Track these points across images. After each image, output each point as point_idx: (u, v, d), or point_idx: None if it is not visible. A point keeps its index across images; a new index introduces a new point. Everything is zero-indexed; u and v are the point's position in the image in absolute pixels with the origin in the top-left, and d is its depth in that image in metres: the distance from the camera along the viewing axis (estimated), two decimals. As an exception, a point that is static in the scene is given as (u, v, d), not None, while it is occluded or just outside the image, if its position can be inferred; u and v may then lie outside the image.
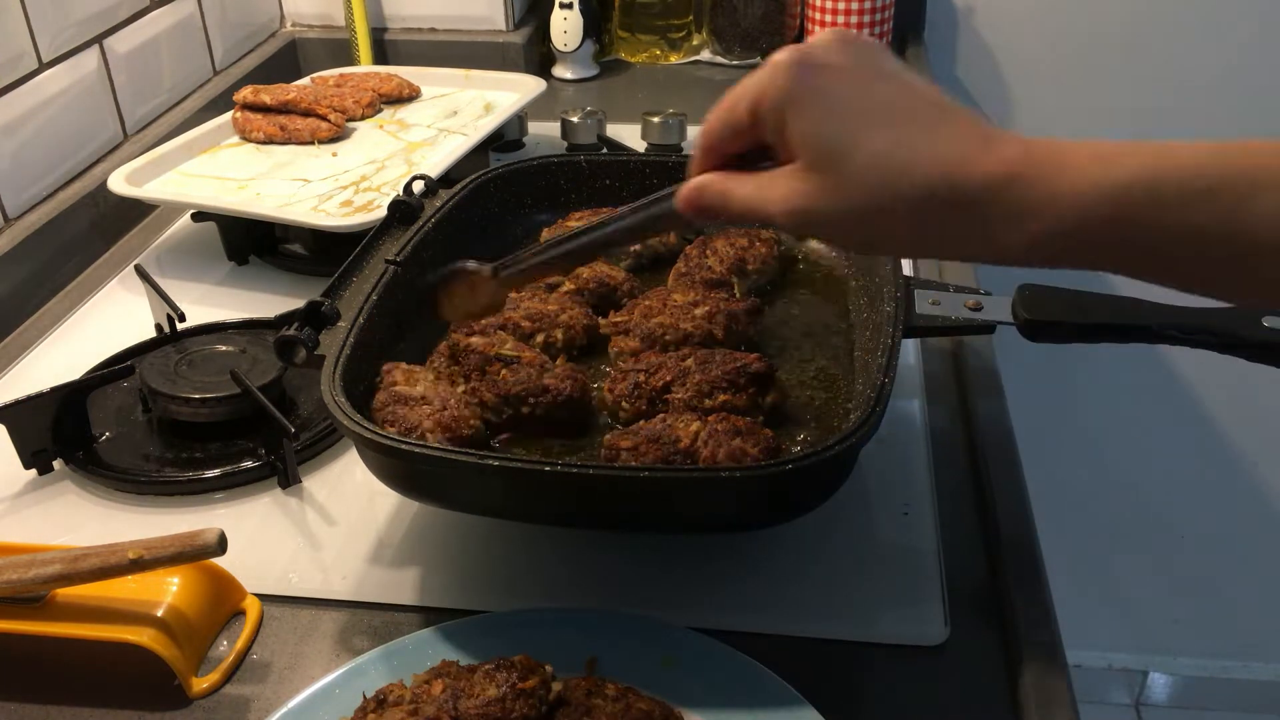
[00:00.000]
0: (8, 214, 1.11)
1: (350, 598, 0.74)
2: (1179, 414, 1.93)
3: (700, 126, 0.56)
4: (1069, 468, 1.96)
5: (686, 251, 0.93)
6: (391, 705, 0.59)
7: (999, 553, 0.74)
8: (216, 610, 0.71)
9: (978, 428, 0.86)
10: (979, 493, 0.81)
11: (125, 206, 1.21)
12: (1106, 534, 2.03)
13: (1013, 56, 1.76)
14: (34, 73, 1.14)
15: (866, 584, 0.73)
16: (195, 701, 0.66)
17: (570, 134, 1.32)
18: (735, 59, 1.67)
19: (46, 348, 1.03)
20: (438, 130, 1.27)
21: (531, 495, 0.68)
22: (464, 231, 0.93)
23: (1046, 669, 0.65)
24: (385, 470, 0.69)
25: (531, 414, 0.76)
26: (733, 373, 0.76)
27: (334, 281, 0.81)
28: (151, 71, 1.33)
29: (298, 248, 1.14)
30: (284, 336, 0.73)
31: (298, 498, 0.83)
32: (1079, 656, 2.09)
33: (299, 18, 1.67)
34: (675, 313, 0.83)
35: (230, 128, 1.26)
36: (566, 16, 1.58)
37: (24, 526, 0.81)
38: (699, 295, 0.86)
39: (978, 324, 0.79)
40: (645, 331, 0.83)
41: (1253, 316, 0.69)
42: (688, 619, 0.68)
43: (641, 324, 0.83)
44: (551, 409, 0.76)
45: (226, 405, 0.86)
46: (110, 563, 0.65)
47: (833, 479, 0.68)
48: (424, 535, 0.78)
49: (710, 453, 0.69)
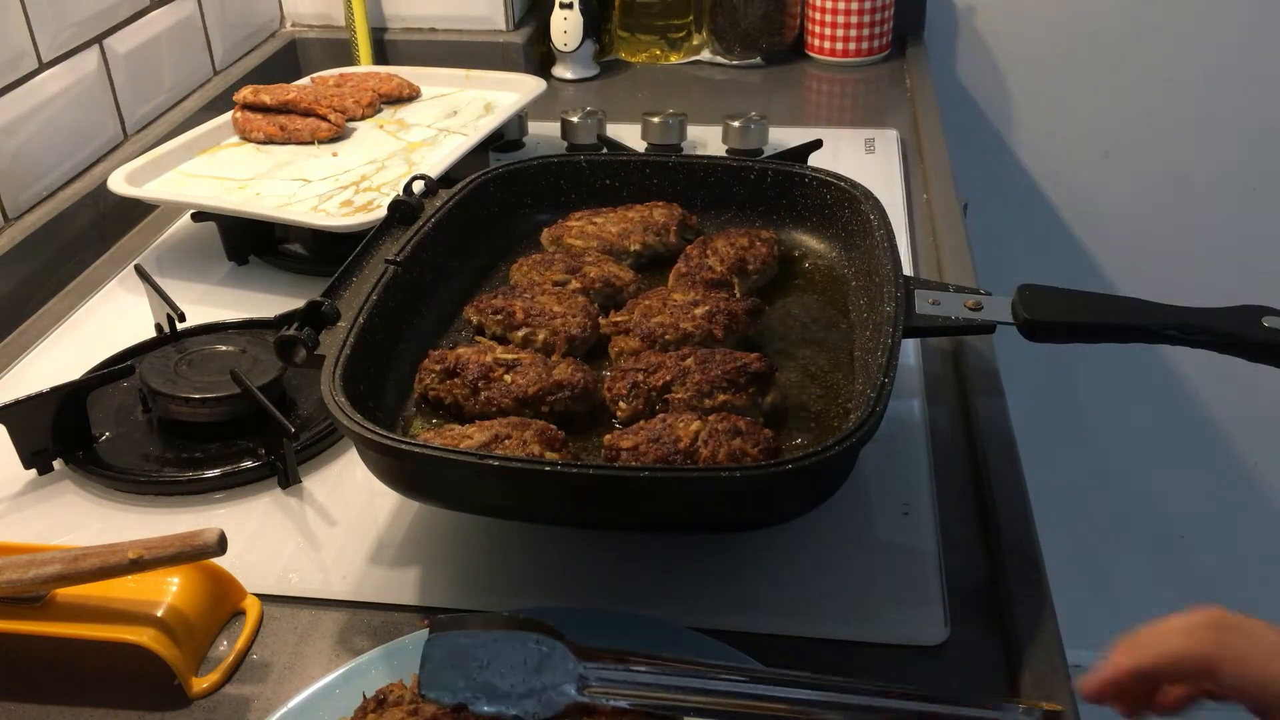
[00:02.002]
0: (8, 214, 1.11)
1: (350, 598, 0.74)
2: (1179, 414, 1.93)
3: (1129, 647, 0.56)
4: (1069, 468, 1.96)
5: (687, 251, 0.93)
6: (391, 705, 0.59)
7: (999, 553, 0.74)
8: (216, 610, 0.71)
9: (978, 428, 0.86)
10: (979, 493, 0.81)
11: (125, 206, 1.21)
12: (1106, 534, 2.03)
13: (1013, 56, 1.76)
14: (34, 73, 1.14)
15: (866, 584, 0.73)
16: (195, 701, 0.66)
17: (570, 134, 1.32)
18: (735, 59, 1.67)
19: (46, 348, 1.03)
20: (438, 130, 1.27)
21: (531, 495, 0.68)
22: (464, 232, 0.93)
23: (1046, 669, 0.65)
24: (385, 470, 0.69)
25: (550, 412, 0.76)
26: (733, 372, 0.76)
27: (334, 281, 0.81)
28: (151, 71, 1.33)
29: (298, 248, 1.14)
30: (284, 336, 0.73)
31: (298, 498, 0.83)
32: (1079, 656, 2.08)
33: (299, 18, 1.67)
34: (675, 312, 0.83)
35: (230, 128, 1.26)
36: (566, 16, 1.58)
37: (24, 526, 0.81)
38: (699, 295, 0.86)
39: (978, 324, 0.79)
40: (645, 331, 0.83)
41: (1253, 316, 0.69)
42: (688, 619, 0.68)
43: (641, 323, 0.83)
44: (569, 404, 0.76)
45: (226, 405, 0.86)
46: (110, 563, 0.65)
47: (833, 479, 0.68)
48: (424, 535, 0.78)
49: (710, 453, 0.69)
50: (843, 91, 1.62)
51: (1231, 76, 1.69)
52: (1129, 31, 1.70)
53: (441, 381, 0.78)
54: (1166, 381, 1.92)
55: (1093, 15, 1.70)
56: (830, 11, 1.62)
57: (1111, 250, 1.85)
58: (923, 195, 1.26)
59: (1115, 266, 1.84)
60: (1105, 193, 1.81)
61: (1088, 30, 1.71)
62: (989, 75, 1.77)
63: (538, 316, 0.84)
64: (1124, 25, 1.70)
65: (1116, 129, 1.77)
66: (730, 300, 0.85)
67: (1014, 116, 1.79)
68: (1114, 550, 2.04)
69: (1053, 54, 1.74)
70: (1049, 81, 1.76)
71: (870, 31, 1.63)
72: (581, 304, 0.86)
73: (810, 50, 1.68)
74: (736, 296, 0.87)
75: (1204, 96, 1.72)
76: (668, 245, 0.96)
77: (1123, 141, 1.77)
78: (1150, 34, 1.70)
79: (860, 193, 0.92)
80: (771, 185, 0.99)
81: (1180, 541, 2.04)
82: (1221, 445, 1.96)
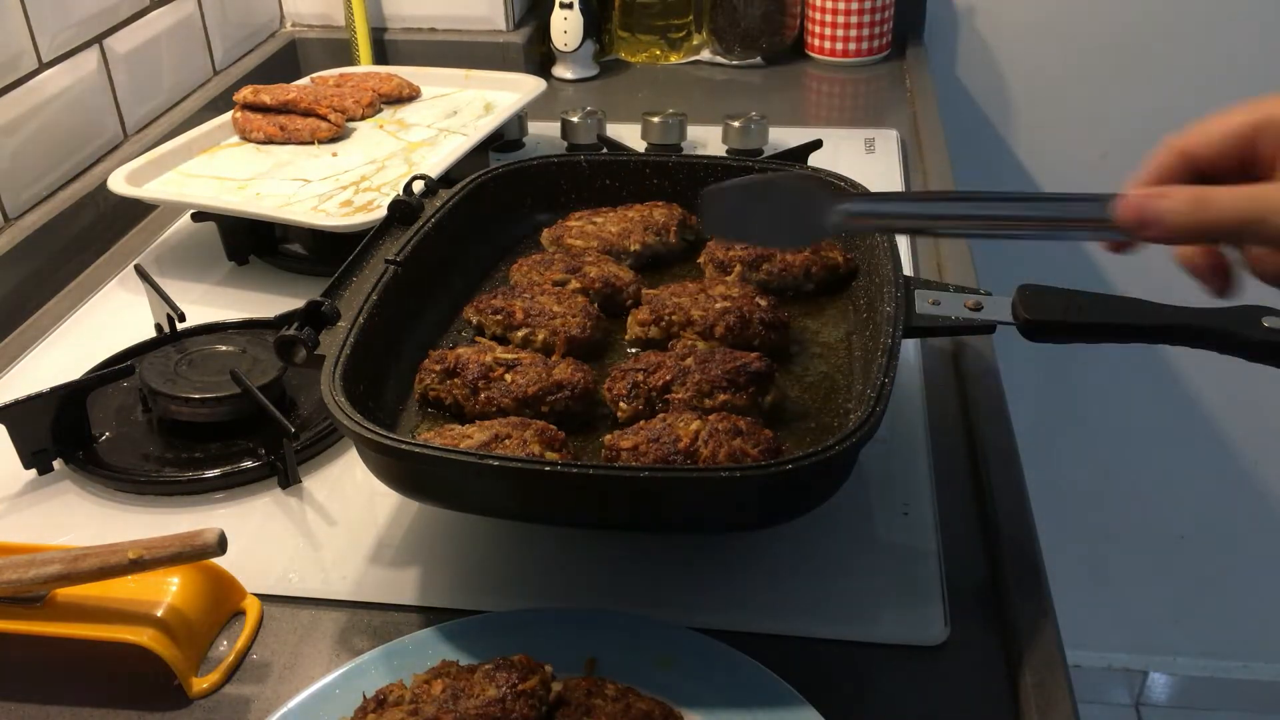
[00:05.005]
0: (8, 214, 1.11)
1: (350, 598, 0.74)
2: (1179, 414, 1.93)
3: (1166, 141, 0.55)
4: (1069, 468, 1.96)
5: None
6: (391, 705, 0.59)
7: (999, 553, 0.74)
8: (216, 610, 0.71)
9: (978, 428, 0.86)
10: (979, 493, 0.81)
11: (125, 206, 1.21)
12: (1106, 534, 2.03)
13: (1013, 57, 1.76)
14: (34, 73, 1.14)
15: (866, 584, 0.73)
16: (195, 701, 0.66)
17: (570, 134, 1.32)
18: (735, 59, 1.67)
19: (46, 348, 1.03)
20: (438, 130, 1.27)
21: (531, 495, 0.67)
22: (464, 231, 0.93)
23: (1046, 669, 0.65)
24: (385, 470, 0.69)
25: (550, 413, 0.76)
26: (733, 372, 0.76)
27: (334, 281, 0.81)
28: (151, 71, 1.33)
29: (297, 248, 1.14)
30: (284, 336, 0.73)
31: (298, 498, 0.83)
32: (1079, 656, 2.09)
33: (299, 18, 1.67)
34: (698, 299, 0.84)
35: (230, 128, 1.26)
36: (566, 16, 1.58)
37: (24, 526, 0.81)
38: (738, 291, 0.85)
39: (978, 324, 0.79)
40: (659, 302, 0.84)
41: (1253, 316, 0.69)
42: (688, 619, 0.68)
43: (661, 296, 0.85)
44: (569, 404, 0.76)
45: (226, 405, 0.86)
46: (110, 563, 0.65)
47: (833, 479, 0.68)
48: (424, 535, 0.78)
49: (710, 452, 0.69)
50: (843, 91, 1.62)
51: (1231, 76, 1.69)
52: (1129, 32, 1.70)
53: (441, 381, 0.78)
54: (1166, 381, 1.92)
55: (1093, 16, 1.70)
56: (830, 11, 1.62)
57: (1111, 250, 1.85)
58: (923, 195, 1.26)
59: (1115, 266, 1.84)
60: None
61: (1088, 30, 1.71)
62: (989, 75, 1.77)
63: (537, 316, 0.84)
64: (1124, 25, 1.70)
65: (1116, 129, 1.77)
66: (753, 305, 0.84)
67: (1014, 116, 1.79)
68: (1114, 550, 2.05)
69: (1052, 54, 1.74)
70: (1049, 81, 1.76)
71: (870, 31, 1.63)
72: (581, 304, 0.86)
73: (810, 50, 1.68)
74: (763, 305, 0.84)
75: (1203, 96, 1.72)
76: (668, 245, 0.96)
77: (1122, 142, 1.77)
78: (1150, 34, 1.70)
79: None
80: (771, 185, 0.99)
81: (1180, 541, 2.04)
82: (1221, 445, 1.96)
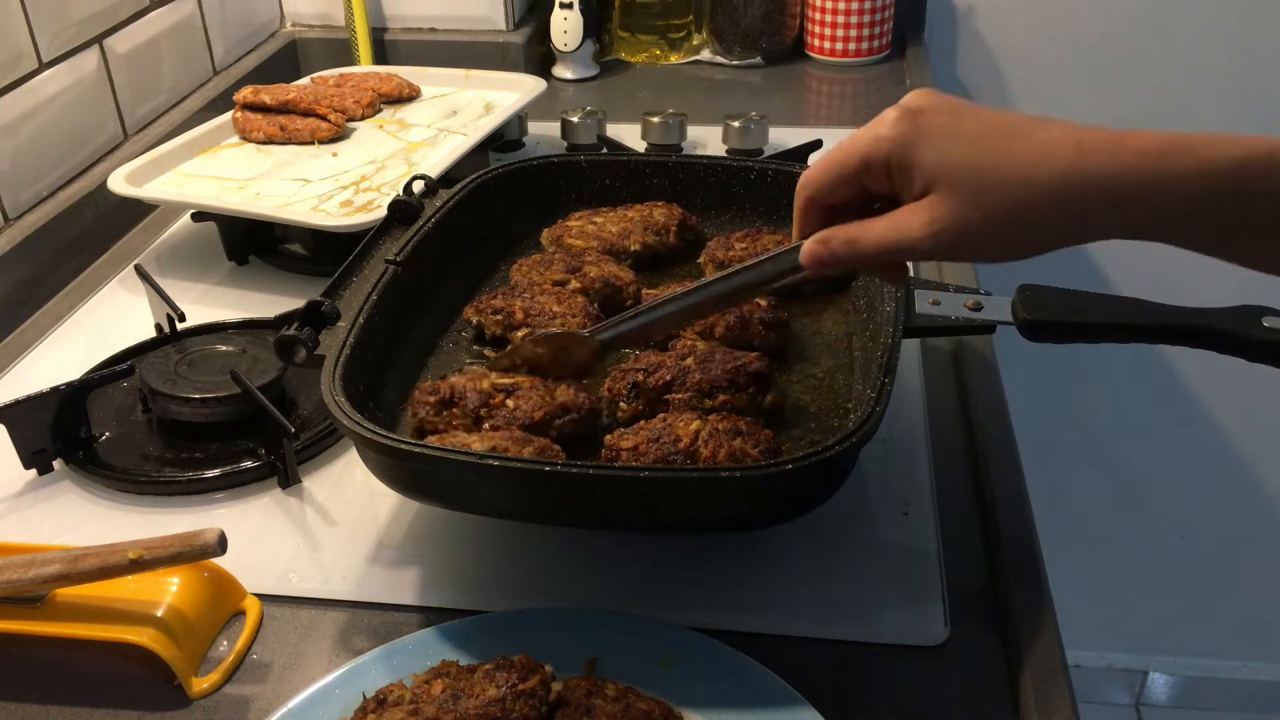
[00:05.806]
0: (8, 214, 1.11)
1: (350, 598, 0.74)
2: (1179, 414, 1.93)
3: (799, 188, 0.62)
4: (1069, 468, 1.96)
5: None
6: (391, 705, 0.59)
7: (999, 553, 0.74)
8: (216, 610, 0.71)
9: (978, 428, 0.86)
10: (979, 493, 0.81)
11: (125, 206, 1.21)
12: (1107, 534, 2.03)
13: (1013, 56, 1.76)
14: (34, 73, 1.14)
15: (866, 584, 0.73)
16: (195, 701, 0.66)
17: (570, 134, 1.32)
18: (735, 59, 1.67)
19: (46, 348, 1.03)
20: (438, 130, 1.27)
21: (531, 495, 0.68)
22: (464, 231, 0.93)
23: (1046, 669, 0.65)
24: (385, 470, 0.69)
25: (558, 437, 0.74)
26: (732, 372, 0.76)
27: (334, 281, 0.81)
28: (151, 71, 1.33)
29: (297, 248, 1.14)
30: (284, 336, 0.73)
31: (298, 498, 0.83)
32: (1079, 656, 2.09)
33: (299, 18, 1.67)
34: None
35: (230, 128, 1.26)
36: (566, 16, 1.58)
37: (24, 526, 0.81)
38: None
39: (978, 324, 0.79)
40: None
41: (1253, 316, 0.69)
42: (687, 619, 0.68)
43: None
44: (576, 426, 0.75)
45: (226, 405, 0.86)
46: (110, 563, 0.65)
47: (833, 479, 0.68)
48: (424, 535, 0.78)
49: (710, 453, 0.69)
50: (843, 91, 1.62)
51: (1230, 76, 1.69)
52: (1128, 31, 1.70)
53: (438, 413, 0.76)
54: (1166, 381, 1.92)
55: (1092, 15, 1.70)
56: (830, 11, 1.62)
57: (1111, 250, 1.85)
58: (923, 195, 1.26)
59: (1115, 266, 1.84)
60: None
61: (1087, 30, 1.71)
62: (989, 76, 1.77)
63: (537, 316, 0.84)
64: (1123, 25, 1.70)
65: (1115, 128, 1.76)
66: (753, 305, 0.83)
67: (1014, 116, 1.79)
68: (1114, 550, 2.04)
69: (1052, 54, 1.74)
70: (1049, 81, 1.76)
71: (870, 31, 1.63)
72: (581, 304, 0.86)
73: (810, 50, 1.68)
74: (763, 305, 0.84)
75: (1203, 96, 1.72)
76: (668, 245, 0.96)
77: (1122, 141, 1.76)
78: (1150, 34, 1.70)
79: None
80: (771, 185, 0.99)
81: (1180, 541, 2.04)
82: (1221, 445, 1.95)
